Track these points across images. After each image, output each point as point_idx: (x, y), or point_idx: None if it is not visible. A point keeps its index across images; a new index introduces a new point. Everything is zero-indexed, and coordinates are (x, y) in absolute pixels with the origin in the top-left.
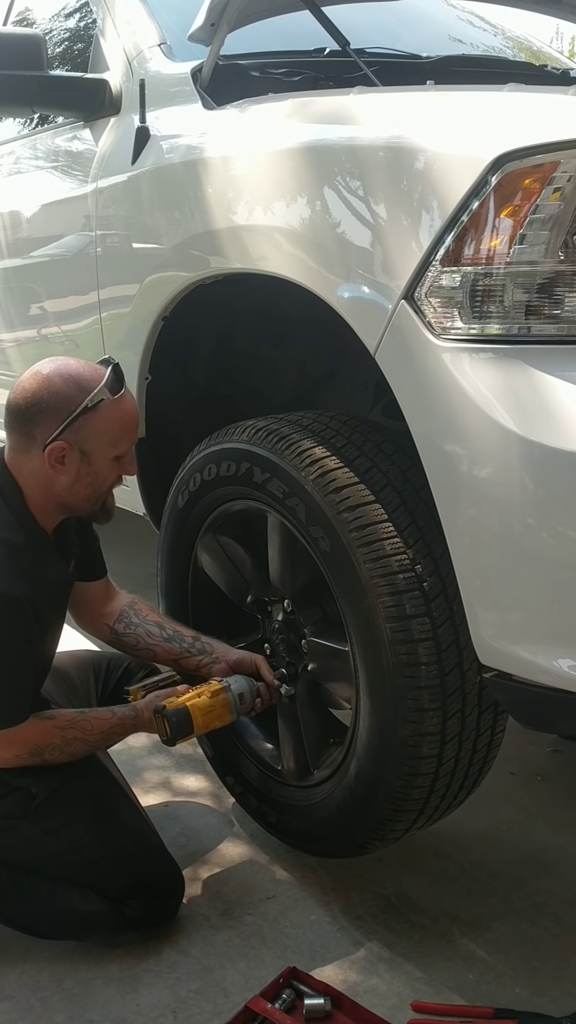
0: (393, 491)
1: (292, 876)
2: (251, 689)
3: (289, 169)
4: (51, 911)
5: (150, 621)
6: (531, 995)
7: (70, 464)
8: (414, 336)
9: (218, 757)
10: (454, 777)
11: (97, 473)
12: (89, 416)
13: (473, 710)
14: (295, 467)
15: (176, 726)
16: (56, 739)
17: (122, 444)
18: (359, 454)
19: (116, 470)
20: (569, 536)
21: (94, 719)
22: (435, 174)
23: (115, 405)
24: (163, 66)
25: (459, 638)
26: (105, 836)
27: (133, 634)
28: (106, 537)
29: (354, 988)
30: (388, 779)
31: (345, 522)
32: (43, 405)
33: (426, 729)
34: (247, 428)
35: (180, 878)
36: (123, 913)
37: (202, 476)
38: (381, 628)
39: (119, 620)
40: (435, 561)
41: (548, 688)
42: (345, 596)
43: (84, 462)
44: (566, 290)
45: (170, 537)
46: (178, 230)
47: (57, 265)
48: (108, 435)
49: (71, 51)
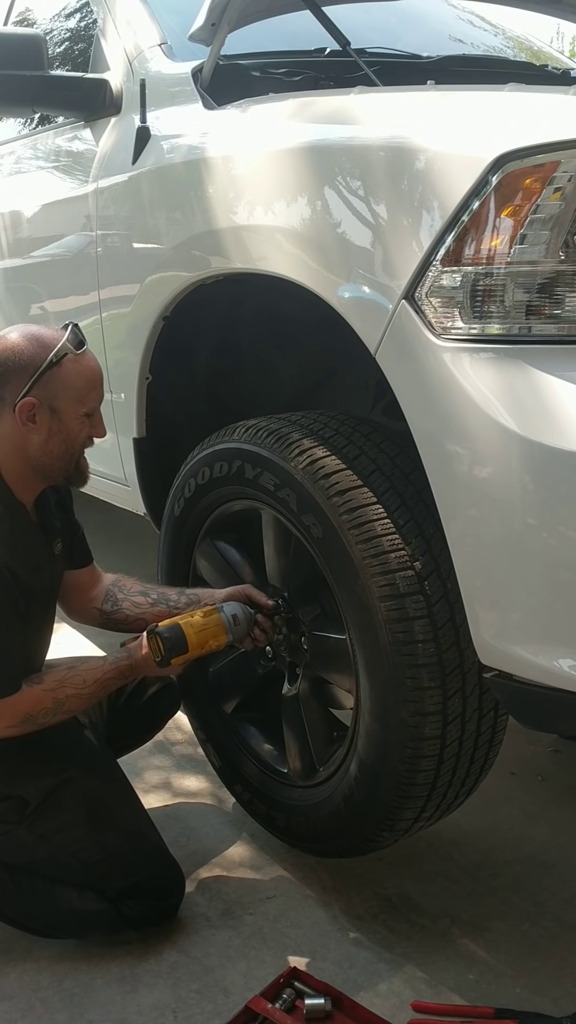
0: (382, 475)
1: (292, 876)
2: (245, 613)
3: (290, 169)
4: (50, 909)
5: (134, 592)
6: (531, 995)
7: (41, 421)
8: (415, 336)
9: (225, 767)
10: (459, 761)
11: (68, 430)
12: (55, 371)
13: (474, 690)
14: (284, 458)
15: (169, 642)
16: (47, 702)
17: (89, 400)
18: (347, 443)
19: (86, 428)
20: (569, 536)
21: (86, 671)
22: (436, 174)
23: (78, 360)
24: (164, 66)
25: (455, 616)
26: (101, 839)
27: (121, 610)
28: (106, 537)
29: (354, 988)
30: (392, 763)
31: (335, 506)
32: (9, 365)
33: (427, 708)
34: (237, 428)
35: (180, 878)
36: (121, 912)
37: (196, 481)
38: (376, 608)
39: (106, 600)
40: (427, 541)
41: (549, 688)
42: (339, 579)
43: (55, 419)
44: (567, 290)
45: (169, 546)
46: (179, 230)
47: (58, 265)
48: (75, 390)
49: (72, 51)
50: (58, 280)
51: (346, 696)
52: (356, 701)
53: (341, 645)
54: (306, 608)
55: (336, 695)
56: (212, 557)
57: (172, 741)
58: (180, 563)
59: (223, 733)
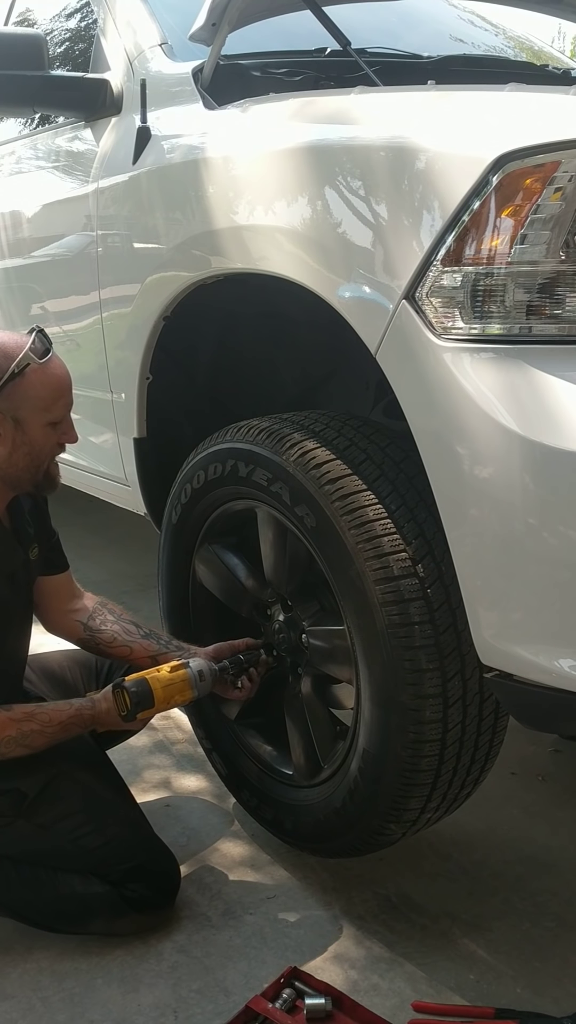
0: (372, 464)
1: (293, 876)
2: (210, 669)
3: (290, 169)
4: (52, 895)
5: (126, 619)
6: (532, 995)
7: (5, 434)
8: (415, 336)
9: (231, 774)
10: (463, 747)
11: (33, 442)
12: (17, 383)
13: (474, 672)
14: (275, 452)
15: (136, 696)
16: (11, 731)
17: (55, 409)
18: (337, 435)
19: (53, 437)
20: (570, 536)
21: (52, 711)
22: (436, 174)
23: (42, 370)
24: (164, 66)
25: (450, 598)
26: (101, 826)
27: (110, 631)
28: (106, 537)
29: (355, 988)
30: (395, 749)
31: (327, 494)
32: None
33: (426, 691)
34: (229, 430)
35: (175, 861)
36: (124, 895)
37: (192, 485)
38: (371, 591)
39: (93, 616)
40: (419, 525)
41: (549, 688)
42: (334, 566)
43: (18, 431)
44: (567, 290)
45: (168, 553)
46: (179, 230)
47: (58, 265)
48: (39, 400)
49: (72, 51)
50: (58, 280)
51: (347, 695)
52: (356, 690)
53: (339, 636)
54: (305, 607)
55: (337, 694)
56: (211, 563)
57: (172, 740)
58: (180, 570)
59: (228, 740)
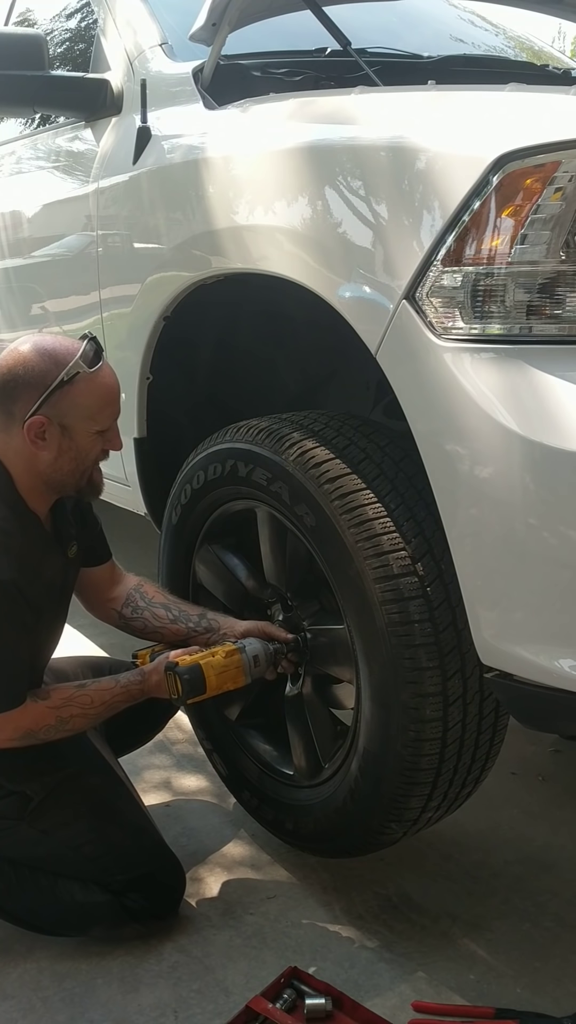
0: (371, 463)
1: (293, 876)
2: (266, 652)
3: (290, 169)
4: (53, 903)
5: (156, 603)
6: (532, 995)
7: (51, 440)
8: (415, 336)
9: (232, 775)
10: (464, 746)
11: (79, 448)
12: (66, 390)
13: (474, 671)
14: (275, 452)
15: (188, 684)
16: (50, 720)
17: (102, 418)
18: (336, 434)
19: (99, 444)
20: (570, 536)
21: (95, 691)
22: (436, 174)
23: (92, 378)
24: (164, 66)
25: (450, 596)
26: (103, 834)
27: (140, 618)
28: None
29: (355, 988)
30: (395, 749)
31: (327, 493)
32: (19, 381)
33: (426, 689)
34: (228, 430)
35: (181, 874)
36: (124, 905)
37: (192, 486)
38: (370, 590)
39: (126, 604)
40: (418, 523)
41: (549, 688)
42: (334, 565)
43: (65, 437)
44: (567, 290)
45: (168, 555)
46: (179, 230)
47: (58, 265)
48: (86, 409)
49: (72, 51)
50: (59, 280)
51: (347, 695)
52: (356, 690)
53: (340, 635)
54: (305, 606)
55: (338, 694)
56: (211, 563)
57: (172, 740)
58: (180, 570)
59: (229, 741)
